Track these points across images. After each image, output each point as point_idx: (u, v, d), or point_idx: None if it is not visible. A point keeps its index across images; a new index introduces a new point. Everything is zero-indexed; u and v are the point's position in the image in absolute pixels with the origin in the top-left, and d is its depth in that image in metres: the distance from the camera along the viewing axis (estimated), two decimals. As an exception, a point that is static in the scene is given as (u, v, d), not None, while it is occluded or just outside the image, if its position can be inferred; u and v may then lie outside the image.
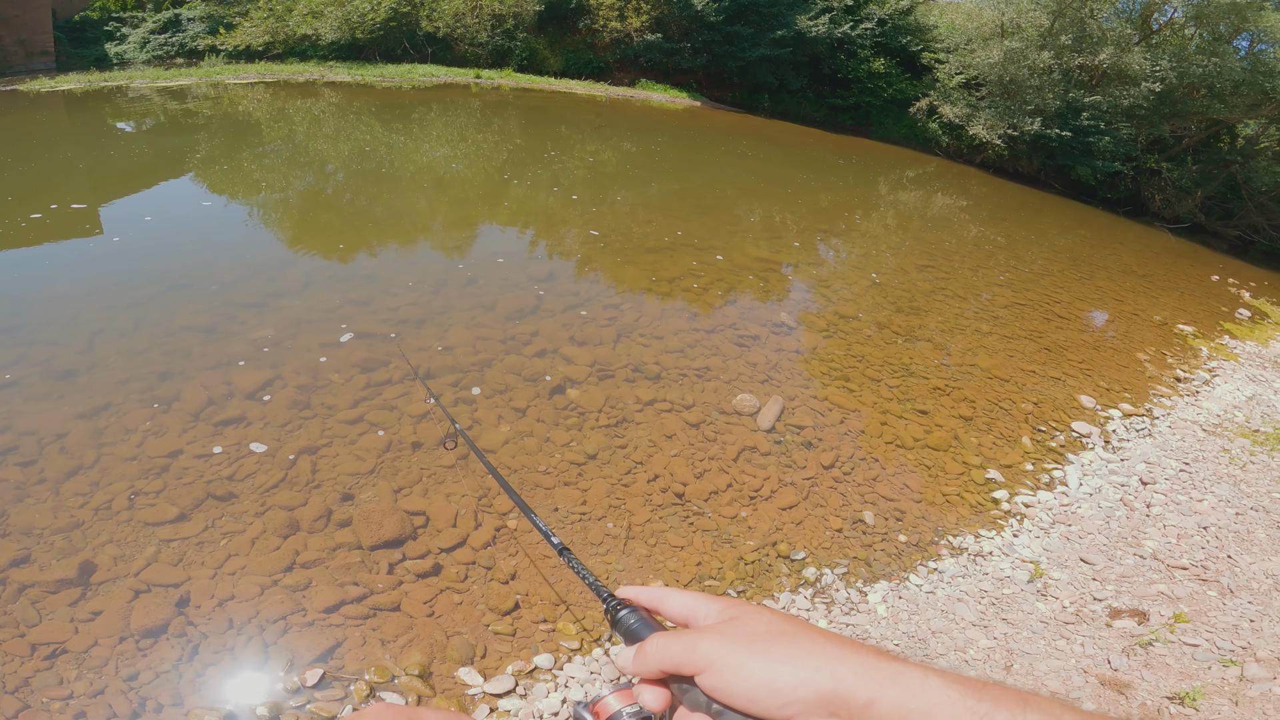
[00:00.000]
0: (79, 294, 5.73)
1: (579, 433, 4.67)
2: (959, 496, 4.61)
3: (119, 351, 4.89)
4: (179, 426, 4.24)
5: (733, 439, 4.83)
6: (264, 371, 4.78)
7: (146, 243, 7.18)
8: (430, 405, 4.55)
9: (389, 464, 4.18)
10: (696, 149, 14.67)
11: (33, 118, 14.24)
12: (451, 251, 7.68)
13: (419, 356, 5.21)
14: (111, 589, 3.25)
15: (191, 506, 3.71)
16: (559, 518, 4.00)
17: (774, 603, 3.58)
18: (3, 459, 3.89)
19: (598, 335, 5.82)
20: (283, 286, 6.10)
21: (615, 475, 4.36)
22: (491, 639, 3.24)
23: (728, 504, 4.25)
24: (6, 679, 2.87)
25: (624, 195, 10.35)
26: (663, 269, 7.38)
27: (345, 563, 3.51)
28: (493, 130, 14.64)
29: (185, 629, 3.11)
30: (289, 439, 4.25)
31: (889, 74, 20.91)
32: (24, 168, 9.95)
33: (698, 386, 5.35)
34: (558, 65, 22.47)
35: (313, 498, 3.87)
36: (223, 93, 17.99)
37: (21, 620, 3.08)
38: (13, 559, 3.33)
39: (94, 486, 3.78)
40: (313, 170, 10.69)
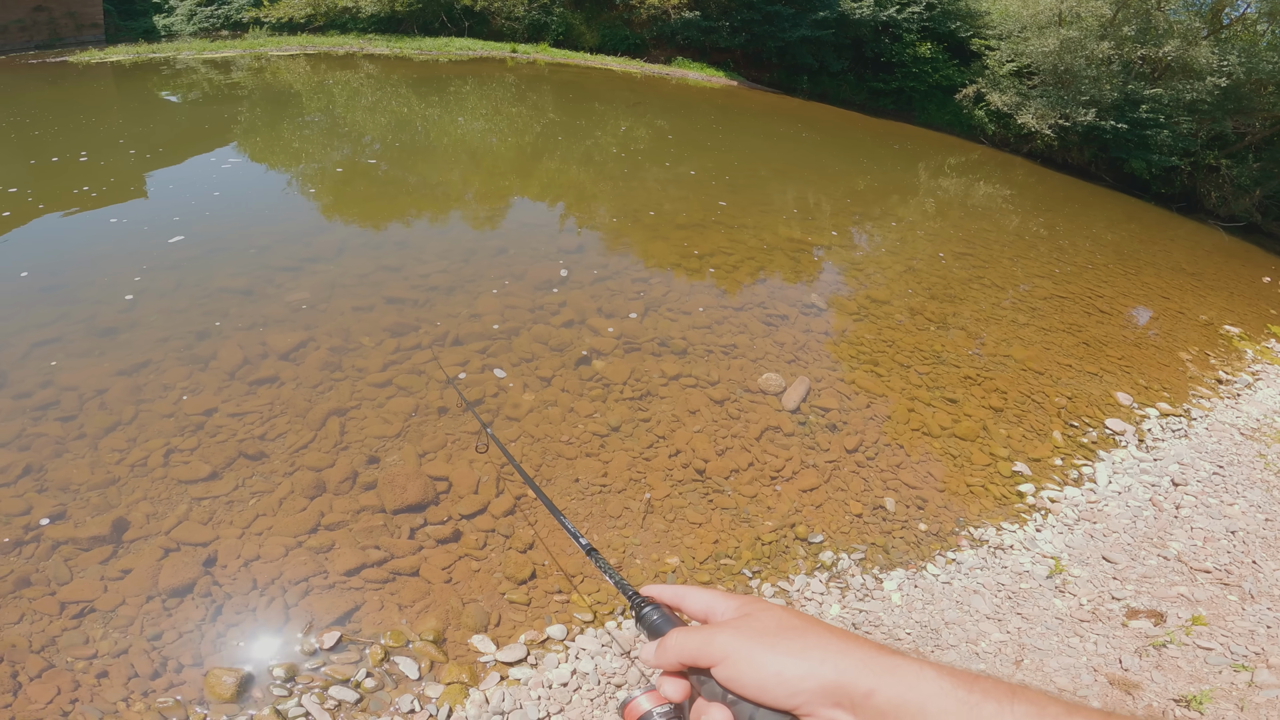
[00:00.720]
0: (122, 255, 5.91)
1: (603, 404, 4.68)
2: (983, 488, 4.51)
3: (159, 310, 5.04)
4: (215, 385, 4.36)
5: (756, 418, 4.79)
6: (298, 333, 4.89)
7: (188, 207, 7.36)
8: (461, 409, 4.55)
9: (415, 428, 4.24)
10: (731, 128, 14.42)
11: (83, 88, 14.65)
12: (482, 222, 7.71)
13: (449, 322, 5.26)
14: (142, 547, 3.34)
15: (224, 465, 3.81)
16: (579, 488, 4.03)
17: (789, 585, 3.57)
18: (44, 414, 4.03)
19: (625, 308, 5.81)
20: (318, 251, 6.21)
21: (637, 449, 4.37)
22: (506, 607, 3.28)
23: (748, 483, 4.22)
24: (34, 638, 2.93)
25: (656, 172, 10.25)
26: (693, 245, 7.32)
27: (368, 525, 3.58)
28: (527, 105, 14.59)
29: (211, 589, 3.18)
30: (320, 400, 4.34)
31: (935, 59, 20.23)
32: (74, 136, 10.26)
33: (723, 363, 5.31)
34: (593, 41, 22.25)
35: (340, 459, 3.94)
36: (265, 64, 18.24)
37: (53, 578, 3.17)
38: (49, 514, 3.43)
39: (131, 443, 3.89)
40: (350, 141, 10.81)
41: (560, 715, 2.80)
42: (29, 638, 2.92)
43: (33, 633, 2.94)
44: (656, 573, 3.53)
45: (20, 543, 3.27)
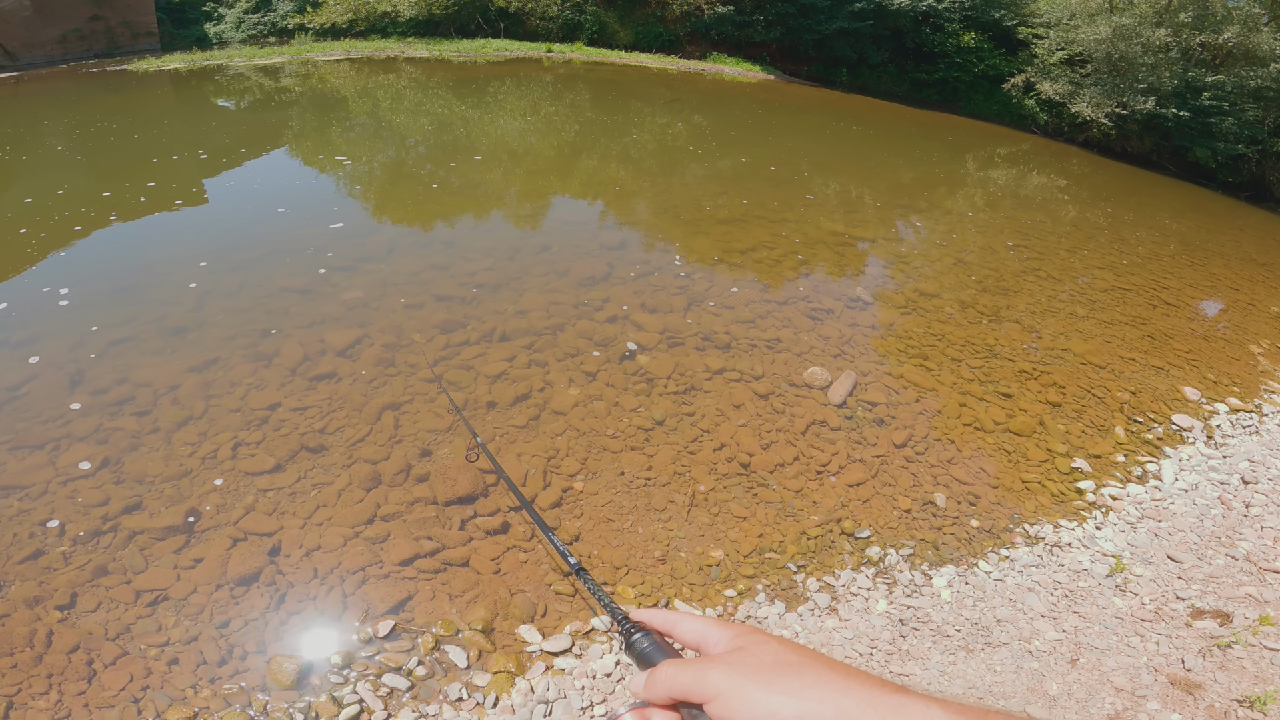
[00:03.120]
0: (188, 258, 6.20)
1: (648, 399, 4.70)
2: (1040, 484, 4.38)
3: (225, 310, 5.28)
4: (278, 380, 4.54)
5: (802, 412, 4.74)
6: (354, 330, 5.06)
7: (248, 211, 7.69)
8: (455, 417, 4.48)
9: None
10: (769, 123, 14.26)
11: (143, 96, 15.39)
12: (525, 220, 7.82)
13: (495, 319, 5.36)
14: (212, 537, 3.48)
15: (287, 458, 3.96)
16: (624, 481, 4.05)
17: (834, 580, 3.53)
18: (120, 409, 4.26)
19: (668, 303, 5.82)
20: (370, 251, 6.41)
21: (682, 442, 4.37)
22: (552, 598, 3.32)
23: (793, 477, 4.19)
24: (109, 625, 3.06)
25: (695, 168, 10.22)
26: (734, 240, 7.28)
27: (421, 517, 3.67)
28: (564, 104, 14.71)
29: (275, 578, 3.29)
30: (375, 395, 4.47)
31: (980, 48, 19.60)
32: (137, 143, 10.78)
33: (768, 358, 5.27)
34: (628, 39, 22.28)
35: (394, 452, 4.05)
36: (312, 70, 18.83)
37: (129, 567, 3.32)
38: (125, 506, 3.61)
39: (202, 436, 4.08)
40: (395, 143, 11.09)
41: (603, 705, 2.82)
42: (105, 625, 3.06)
43: (109, 620, 3.08)
44: (701, 565, 3.54)
45: (99, 533, 3.46)
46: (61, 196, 8.08)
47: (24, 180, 9.05)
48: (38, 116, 13.91)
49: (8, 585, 3.22)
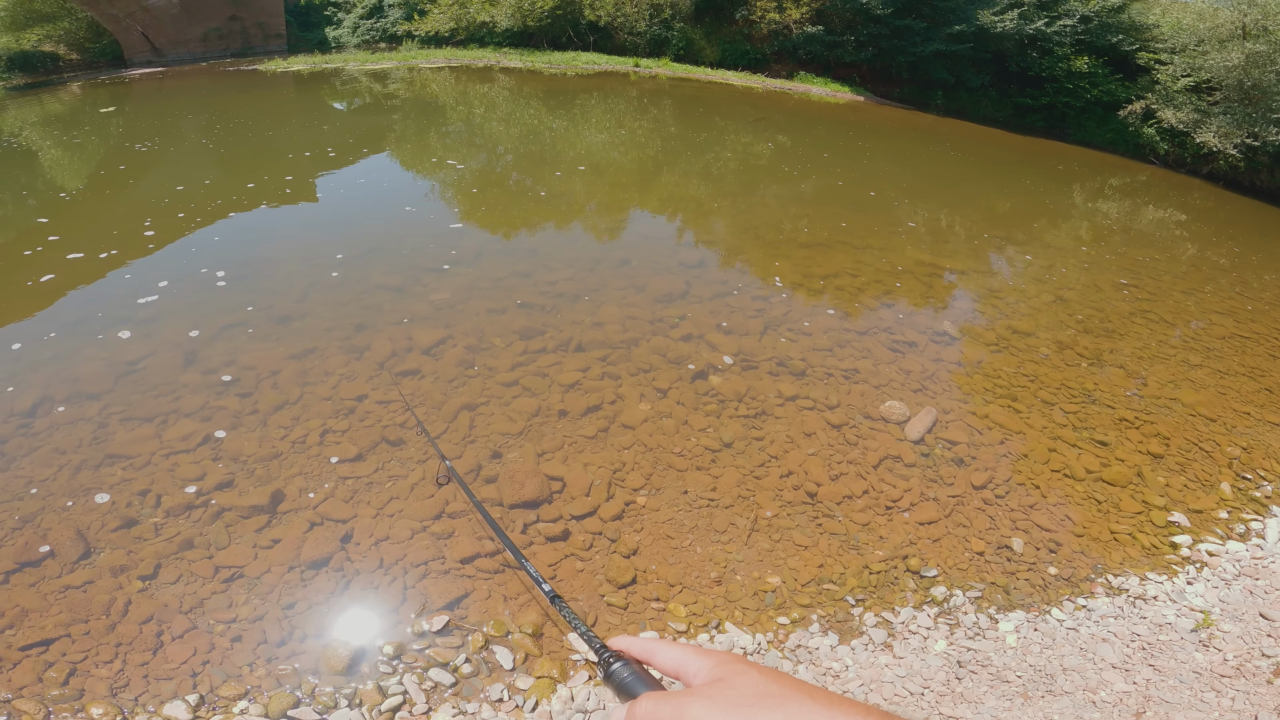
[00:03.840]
0: (298, 251, 6.67)
1: (717, 420, 4.65)
2: (1130, 536, 4.09)
3: (326, 303, 5.63)
4: (367, 373, 4.78)
5: (875, 445, 4.57)
6: (439, 330, 5.27)
7: (351, 209, 8.21)
8: (417, 431, 4.44)
9: (536, 428, 4.42)
10: (857, 145, 13.93)
11: (271, 95, 16.78)
12: (607, 233, 7.95)
13: (573, 329, 5.46)
14: (292, 519, 3.64)
15: (368, 448, 4.14)
16: (687, 500, 4.02)
17: (893, 616, 3.41)
18: (226, 389, 4.59)
19: (744, 325, 5.76)
20: (459, 255, 6.69)
21: (748, 466, 4.30)
22: (604, 609, 3.33)
23: (861, 510, 4.05)
24: (185, 599, 3.22)
25: (778, 189, 10.10)
26: (815, 265, 7.13)
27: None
28: (648, 119, 14.90)
29: (344, 564, 3.41)
30: (454, 394, 4.64)
31: (1094, 73, 18.45)
32: (262, 139, 11.73)
33: (844, 388, 5.11)
34: (714, 56, 22.37)
35: (467, 451, 4.18)
36: (416, 76, 19.93)
37: (213, 543, 3.49)
38: (219, 483, 3.84)
39: (295, 421, 4.33)
40: (486, 150, 11.55)
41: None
42: (181, 598, 3.22)
43: (185, 594, 3.24)
44: (756, 590, 3.47)
45: (191, 506, 3.69)
46: (209, 186, 8.96)
47: (176, 170, 10.07)
48: (182, 110, 15.44)
49: (98, 552, 3.43)
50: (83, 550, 3.42)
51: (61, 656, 2.98)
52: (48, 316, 5.57)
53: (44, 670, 2.95)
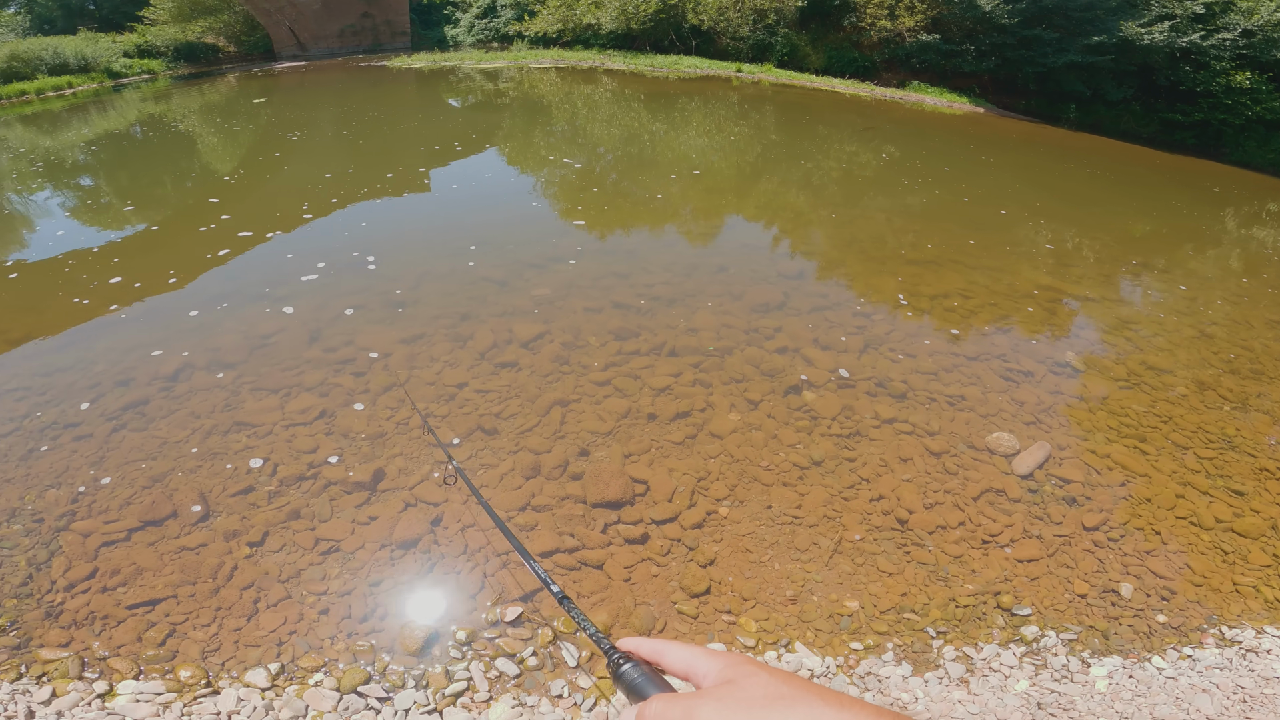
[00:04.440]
0: (414, 240, 7.08)
1: (808, 436, 4.50)
2: (1255, 589, 3.71)
3: (436, 292, 5.93)
4: (469, 362, 4.98)
5: (978, 477, 4.28)
6: (538, 325, 5.43)
7: (462, 203, 8.63)
8: (441, 465, 4.32)
9: (625, 429, 4.45)
10: (974, 159, 13.12)
11: (397, 90, 18.03)
12: (705, 238, 7.91)
13: (666, 333, 5.47)
14: (390, 499, 3.79)
15: (465, 434, 4.30)
16: (770, 515, 3.91)
17: (975, 652, 3.23)
18: (343, 367, 4.90)
19: (843, 342, 5.55)
20: (560, 252, 6.88)
21: (837, 486, 4.13)
22: (674, 616, 3.28)
23: (954, 542, 3.82)
24: (285, 568, 3.37)
25: (884, 201, 9.69)
26: (924, 283, 6.76)
27: (569, 514, 3.80)
28: (749, 124, 14.71)
29: (431, 547, 3.51)
30: (548, 389, 4.74)
31: (1257, 90, 16.52)
32: (395, 132, 12.59)
33: (947, 414, 4.82)
34: (819, 62, 21.81)
35: (556, 447, 4.25)
36: (524, 76, 20.70)
37: (317, 515, 3.67)
38: (328, 457, 4.06)
39: (400, 403, 4.55)
40: (588, 151, 11.80)
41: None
42: (281, 567, 3.38)
43: (285, 563, 3.40)
44: (832, 613, 3.34)
45: (302, 478, 3.92)
46: (352, 175, 9.77)
47: (322, 158, 11.03)
48: (323, 103, 16.87)
49: (215, 516, 3.67)
50: (202, 513, 3.67)
51: (164, 617, 3.16)
52: (221, 288, 6.20)
53: (145, 630, 3.10)
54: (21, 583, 3.32)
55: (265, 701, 2.80)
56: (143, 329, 5.50)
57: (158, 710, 2.77)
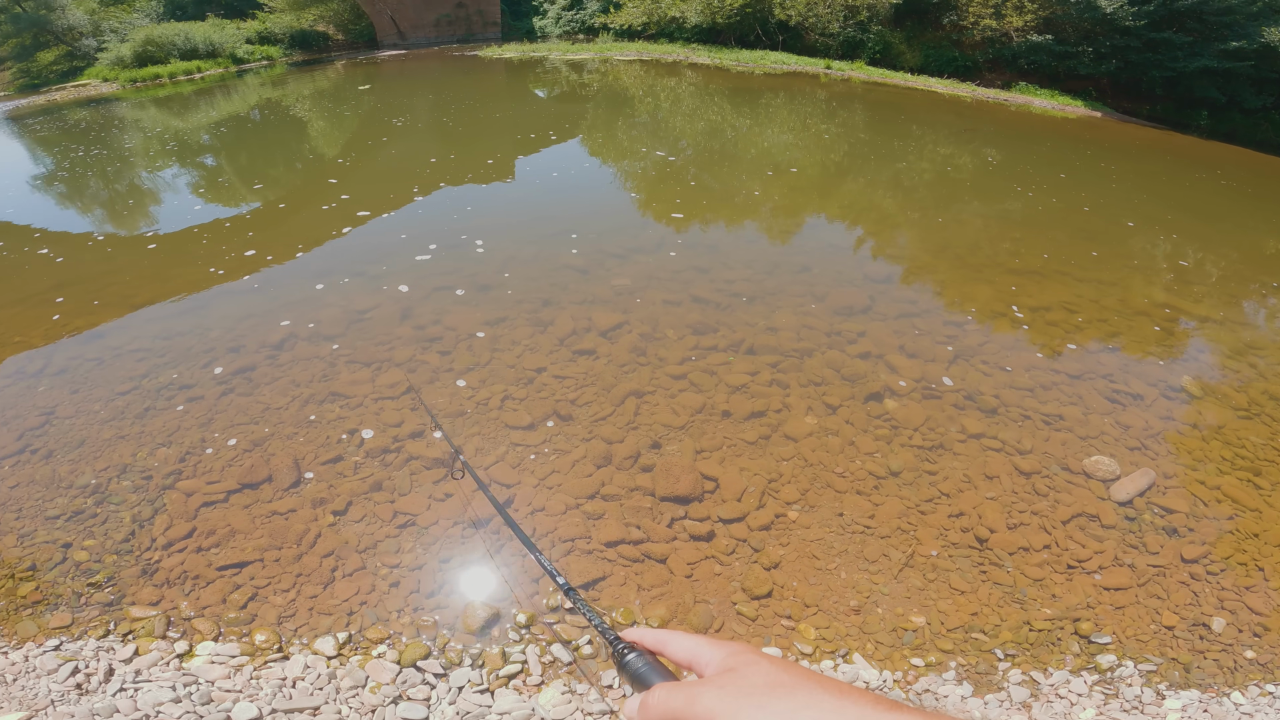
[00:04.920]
0: (501, 226, 7.29)
1: (887, 445, 4.34)
2: None
3: (520, 277, 6.09)
4: (548, 347, 5.09)
5: (1070, 500, 4.02)
6: (617, 314, 5.48)
7: (548, 190, 8.84)
8: (434, 429, 4.51)
9: (698, 425, 4.42)
10: (1092, 165, 12.20)
11: (489, 78, 18.70)
12: (788, 236, 7.75)
13: (745, 330, 5.40)
14: (465, 477, 3.83)
15: (540, 419, 4.38)
16: (841, 523, 3.79)
17: (1043, 677, 3.07)
18: (430, 345, 5.10)
19: (932, 351, 5.31)
20: (641, 244, 6.92)
21: (914, 499, 3.97)
22: (732, 616, 3.24)
23: (1036, 565, 3.62)
24: (363, 538, 3.47)
25: (980, 206, 9.18)
26: (1025, 294, 6.37)
27: (636, 505, 3.80)
28: (837, 122, 14.27)
29: (500, 528, 3.57)
30: (624, 379, 4.78)
31: None
32: (491, 120, 13.04)
33: (1042, 434, 4.54)
34: (915, 61, 20.87)
35: (629, 438, 4.27)
36: (609, 68, 20.90)
37: (397, 488, 3.79)
38: (412, 431, 4.21)
39: (481, 384, 4.70)
40: (671, 144, 11.78)
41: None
42: (360, 537, 3.50)
43: (364, 533, 3.52)
44: (896, 626, 3.22)
45: (387, 450, 4.08)
46: (453, 160, 10.31)
47: (426, 143, 11.63)
48: (423, 90, 17.72)
49: (306, 483, 3.84)
50: (295, 479, 3.85)
51: (249, 580, 3.29)
52: (328, 264, 6.63)
53: (230, 592, 3.23)
54: (124, 539, 3.53)
55: (329, 670, 2.90)
56: (257, 299, 5.94)
57: (229, 673, 2.89)
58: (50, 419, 4.40)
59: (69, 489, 3.84)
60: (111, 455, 4.07)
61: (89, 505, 3.73)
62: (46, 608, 3.20)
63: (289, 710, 2.71)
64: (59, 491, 3.83)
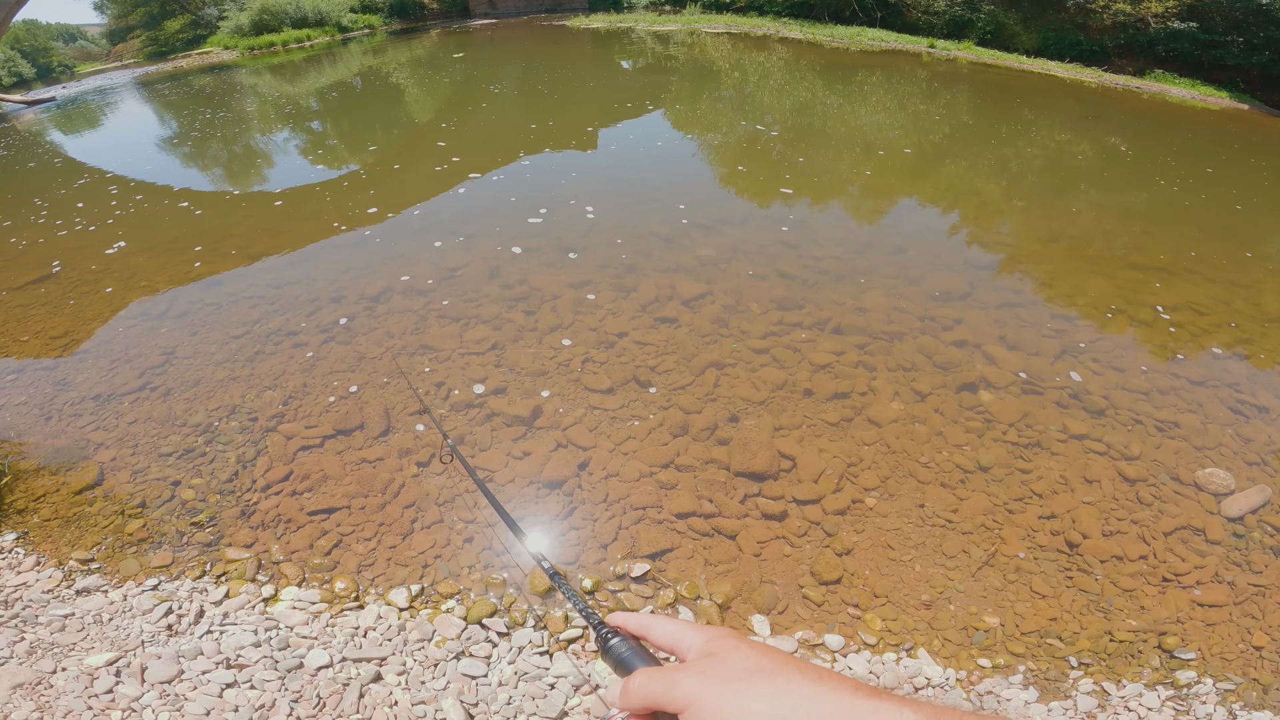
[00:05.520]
0: (584, 194, 7.33)
1: (978, 439, 4.13)
2: None
3: (603, 243, 6.13)
4: (630, 312, 5.10)
5: (1175, 512, 3.73)
6: (700, 285, 5.42)
7: (629, 161, 8.80)
8: (422, 411, 4.42)
9: (778, 401, 4.33)
10: (1240, 160, 11.02)
11: (578, 48, 18.77)
12: (881, 216, 7.43)
13: (832, 309, 5.24)
14: (543, 437, 3.92)
15: (619, 384, 4.39)
16: (921, 514, 3.64)
17: (1114, 688, 2.90)
18: (515, 305, 5.20)
19: (1035, 344, 4.98)
20: (727, 215, 6.81)
21: (1003, 497, 3.75)
22: (798, 600, 3.17)
23: (1129, 575, 3.38)
24: (442, 492, 3.53)
25: (1099, 196, 8.47)
26: (1146, 291, 5.86)
27: (710, 478, 3.76)
28: (938, 103, 13.47)
29: (574, 490, 3.59)
30: (704, 350, 4.74)
31: None
32: (583, 88, 13.13)
33: (1153, 440, 4.19)
34: (1031, 43, 19.36)
35: (707, 409, 4.22)
36: (696, 40, 20.51)
37: (478, 443, 3.85)
38: (495, 388, 4.30)
39: (564, 345, 4.75)
40: (758, 118, 11.47)
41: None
42: (440, 490, 3.57)
43: (444, 487, 3.59)
44: (967, 625, 3.08)
45: (470, 405, 4.18)
46: (552, 127, 10.51)
47: (524, 109, 11.91)
48: (514, 58, 18.03)
49: (394, 432, 3.95)
50: (384, 428, 3.99)
51: (335, 527, 3.37)
52: (424, 223, 6.89)
53: (318, 537, 3.30)
54: (228, 479, 3.70)
55: (400, 621, 2.96)
56: (361, 253, 6.25)
57: (308, 619, 2.96)
58: (170, 359, 4.75)
59: (182, 427, 4.09)
60: (223, 396, 4.33)
61: (199, 444, 3.96)
62: (150, 546, 3.34)
63: (358, 659, 2.78)
64: (173, 429, 4.08)
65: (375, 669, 2.75)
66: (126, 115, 14.13)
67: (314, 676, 2.72)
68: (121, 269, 6.13)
